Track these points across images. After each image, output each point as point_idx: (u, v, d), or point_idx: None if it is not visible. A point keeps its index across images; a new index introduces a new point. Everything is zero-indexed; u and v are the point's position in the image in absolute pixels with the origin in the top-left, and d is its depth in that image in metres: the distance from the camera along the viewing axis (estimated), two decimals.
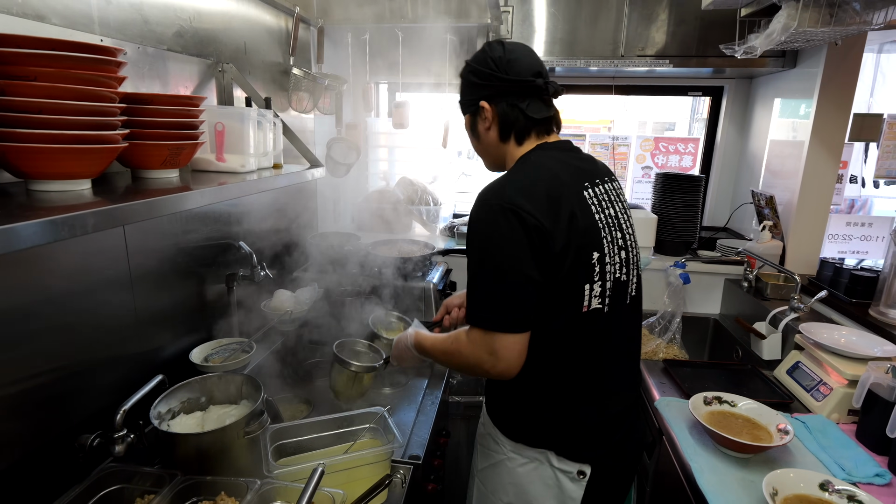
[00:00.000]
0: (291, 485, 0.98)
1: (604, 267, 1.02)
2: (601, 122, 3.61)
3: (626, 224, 1.10)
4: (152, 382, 1.13)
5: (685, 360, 1.72)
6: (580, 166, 1.08)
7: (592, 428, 1.08)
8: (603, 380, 1.09)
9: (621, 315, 1.09)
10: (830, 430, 1.30)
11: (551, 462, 1.07)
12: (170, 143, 1.03)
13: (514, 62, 1.04)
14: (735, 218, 2.44)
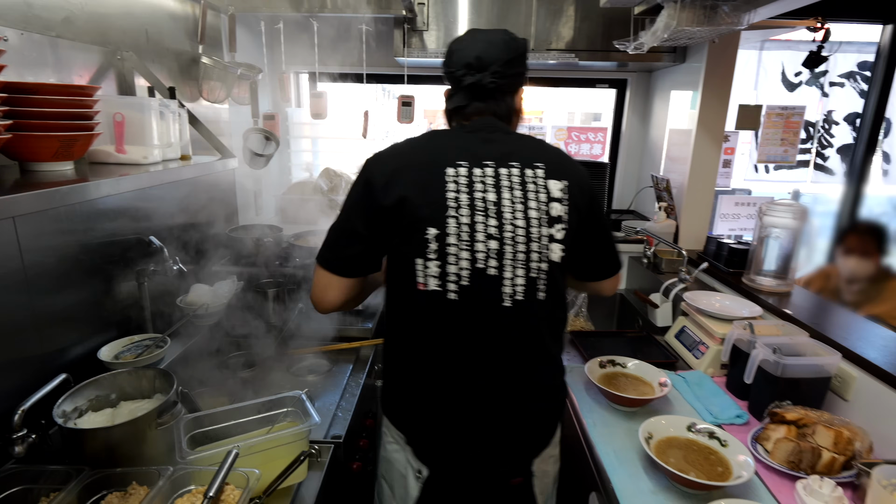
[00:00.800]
0: (206, 468, 1.00)
1: (444, 248, 0.98)
2: (533, 113, 3.78)
3: (514, 213, 1.00)
4: (54, 382, 1.11)
5: (589, 330, 1.88)
6: (474, 146, 1.03)
7: (435, 425, 1.05)
8: (454, 377, 1.04)
9: (492, 315, 1.01)
10: (705, 383, 1.49)
11: (405, 450, 1.11)
12: (60, 135, 1.01)
13: (453, 53, 1.08)
14: (640, 201, 2.66)
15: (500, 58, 1.05)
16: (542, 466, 1.13)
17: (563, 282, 1.07)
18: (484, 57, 1.05)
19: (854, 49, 3.10)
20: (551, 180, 1.02)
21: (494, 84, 1.05)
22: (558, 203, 1.02)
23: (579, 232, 1.05)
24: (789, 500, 1.07)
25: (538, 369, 1.08)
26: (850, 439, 1.15)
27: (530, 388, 1.07)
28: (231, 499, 0.95)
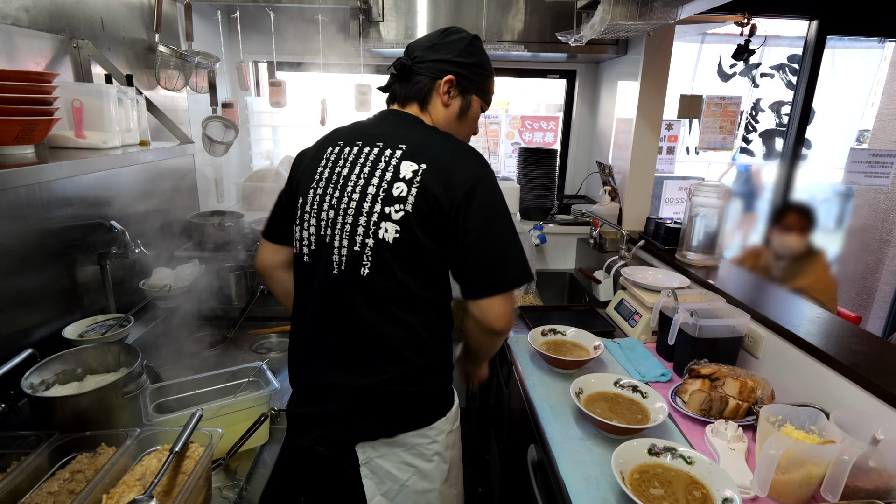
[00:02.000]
0: (172, 429, 1.08)
1: (303, 215, 1.11)
2: (500, 104, 3.90)
3: (355, 188, 1.04)
4: (21, 356, 1.17)
5: (537, 305, 2.03)
6: (359, 129, 1.14)
7: (292, 374, 1.19)
8: (303, 331, 1.14)
9: (325, 278, 1.07)
10: (637, 347, 1.65)
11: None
12: (21, 119, 1.06)
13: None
14: (589, 186, 2.82)
15: (422, 45, 1.12)
16: (372, 455, 1.08)
17: (402, 264, 1.01)
18: (413, 46, 1.14)
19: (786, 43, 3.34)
20: (405, 161, 1.02)
21: (407, 66, 1.11)
22: (404, 184, 1.00)
23: (432, 222, 1.00)
24: (700, 441, 1.23)
25: (364, 348, 1.06)
26: (753, 388, 1.32)
27: (353, 365, 1.06)
28: (196, 455, 1.04)
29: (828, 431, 1.04)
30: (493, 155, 2.89)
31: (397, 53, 2.51)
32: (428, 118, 1.14)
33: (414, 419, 1.09)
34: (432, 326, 1.09)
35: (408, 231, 1.00)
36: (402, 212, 0.99)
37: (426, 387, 1.10)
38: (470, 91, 1.15)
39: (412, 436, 1.09)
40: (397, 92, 1.16)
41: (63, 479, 0.97)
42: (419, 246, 1.01)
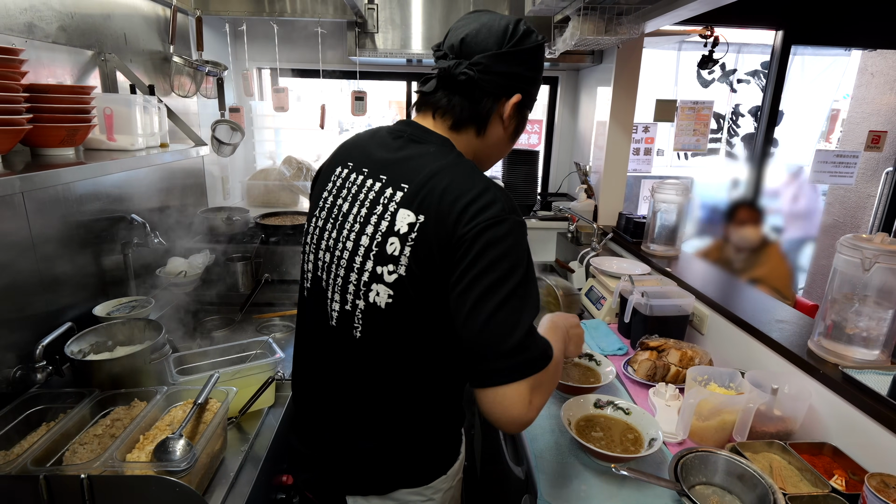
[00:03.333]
0: (193, 388, 1.28)
1: (305, 245, 0.99)
2: None
3: (349, 234, 0.89)
4: (63, 327, 1.36)
5: None
6: (376, 152, 0.93)
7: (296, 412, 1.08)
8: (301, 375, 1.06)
9: (321, 326, 0.95)
10: (601, 327, 1.86)
11: None
12: (67, 126, 1.26)
13: (449, 32, 0.94)
14: (570, 184, 3.03)
15: (487, 46, 0.85)
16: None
17: (399, 330, 0.86)
18: (470, 41, 0.86)
19: (758, 50, 3.55)
20: (403, 209, 0.83)
21: (467, 77, 0.86)
22: (398, 239, 0.82)
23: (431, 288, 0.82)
24: (644, 401, 1.44)
25: (361, 406, 0.94)
26: (692, 357, 1.53)
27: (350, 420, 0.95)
28: (214, 408, 1.23)
29: (741, 387, 1.25)
30: None
31: (392, 62, 2.73)
32: (463, 141, 0.92)
33: (411, 477, 0.96)
34: (437, 385, 0.94)
35: (403, 295, 0.83)
36: (395, 274, 0.83)
37: (427, 446, 0.96)
38: (527, 107, 0.96)
39: (407, 493, 0.96)
40: (441, 104, 0.91)
41: (105, 425, 1.16)
42: (417, 311, 0.84)
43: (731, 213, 2.54)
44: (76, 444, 1.11)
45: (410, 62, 2.66)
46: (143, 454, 1.09)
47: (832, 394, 1.14)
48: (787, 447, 1.09)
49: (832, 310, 1.21)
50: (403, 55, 2.45)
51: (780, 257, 2.45)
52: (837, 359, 1.20)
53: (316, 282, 0.96)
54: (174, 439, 1.09)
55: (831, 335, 1.22)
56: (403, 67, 2.83)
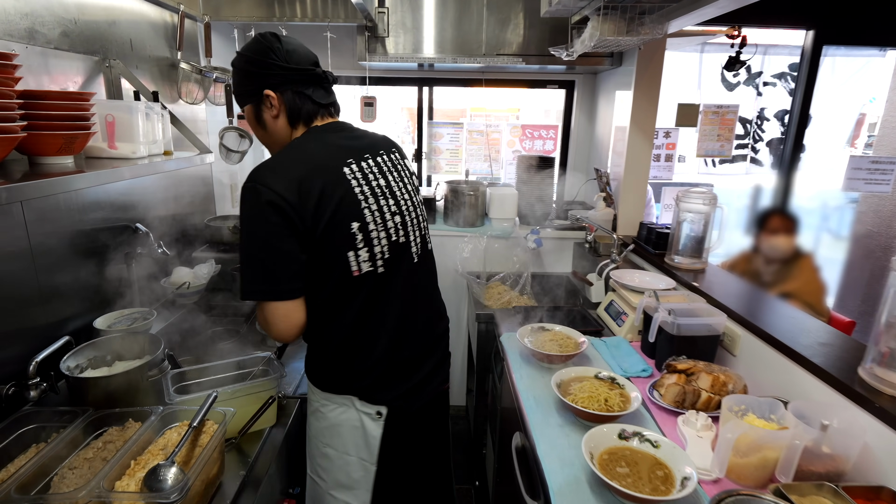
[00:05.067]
0: (190, 408, 1.22)
1: (368, 234, 1.14)
2: (510, 111, 4.03)
3: (401, 191, 1.24)
4: (60, 342, 1.33)
5: (532, 305, 2.14)
6: (348, 144, 1.19)
7: (385, 373, 1.23)
8: (392, 330, 1.23)
9: (408, 272, 1.24)
10: (622, 345, 1.76)
11: (356, 406, 1.25)
12: (64, 133, 1.22)
13: (293, 52, 1.15)
14: (587, 192, 2.93)
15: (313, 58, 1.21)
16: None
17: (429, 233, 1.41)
18: (315, 56, 1.22)
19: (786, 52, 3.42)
20: (404, 160, 1.32)
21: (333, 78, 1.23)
22: (416, 178, 1.36)
23: None
24: (672, 430, 1.34)
25: (439, 303, 1.45)
26: (724, 382, 1.42)
27: (438, 317, 1.42)
28: (211, 430, 1.17)
29: (785, 419, 1.15)
30: (493, 162, 3.01)
31: (403, 67, 2.69)
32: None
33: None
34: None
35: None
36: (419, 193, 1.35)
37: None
38: None
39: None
40: (337, 106, 1.26)
41: (96, 448, 1.12)
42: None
43: (762, 221, 2.42)
44: (65, 468, 1.07)
45: (422, 66, 2.61)
46: (132, 482, 1.03)
47: (890, 430, 1.04)
48: (839, 490, 0.98)
49: (888, 335, 1.10)
50: (415, 59, 2.40)
51: (812, 270, 2.32)
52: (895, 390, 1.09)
53: (393, 247, 1.20)
54: (166, 466, 1.03)
55: (886, 363, 1.11)
56: (415, 72, 2.78)
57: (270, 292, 1.10)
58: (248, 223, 1.08)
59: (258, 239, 1.07)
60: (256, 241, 1.07)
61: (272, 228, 1.05)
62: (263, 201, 1.04)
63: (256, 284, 1.09)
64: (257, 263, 1.08)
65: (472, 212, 2.60)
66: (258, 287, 1.09)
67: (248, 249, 1.09)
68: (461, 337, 2.73)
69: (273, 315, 1.12)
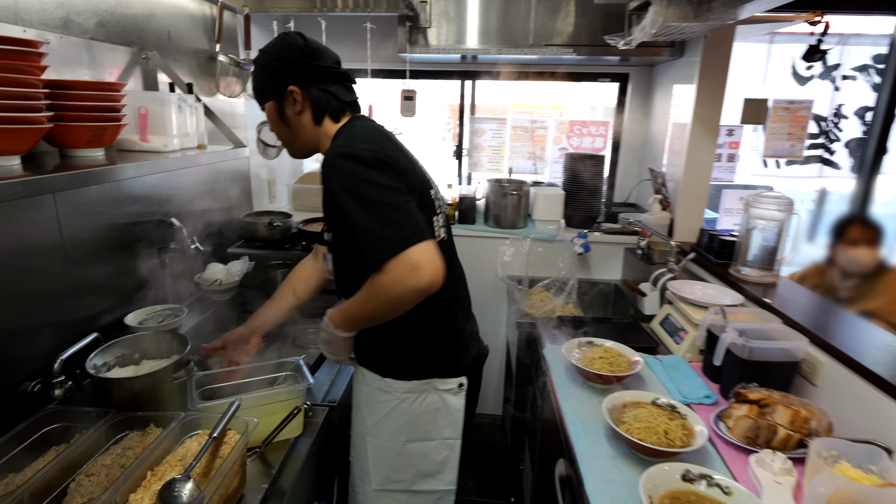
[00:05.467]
0: (212, 415, 1.16)
1: (438, 201, 1.26)
2: (554, 108, 3.88)
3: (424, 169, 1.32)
4: (88, 338, 1.30)
5: (578, 316, 1.99)
6: (382, 130, 1.26)
7: (460, 343, 1.30)
8: (458, 301, 1.33)
9: (453, 243, 1.34)
10: (681, 366, 1.59)
11: (436, 387, 1.27)
12: (93, 125, 1.18)
13: (318, 51, 1.17)
14: (640, 194, 2.74)
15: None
16: None
17: None
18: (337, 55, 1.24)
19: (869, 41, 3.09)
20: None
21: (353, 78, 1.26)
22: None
23: None
24: (743, 472, 1.17)
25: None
26: (806, 418, 1.24)
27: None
28: (232, 441, 1.11)
29: (890, 473, 0.97)
30: (538, 160, 2.87)
31: (445, 59, 2.58)
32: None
33: None
34: None
35: None
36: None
37: None
38: None
39: None
40: (357, 104, 1.28)
41: (115, 453, 1.08)
42: None
43: (840, 231, 2.16)
44: (83, 474, 1.03)
45: (465, 59, 2.49)
46: (147, 495, 0.98)
47: None
48: None
49: None
50: (458, 51, 2.28)
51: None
52: None
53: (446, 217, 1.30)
54: (181, 481, 0.97)
55: None
56: (457, 65, 2.67)
57: (417, 234, 1.02)
58: (361, 183, 1.03)
59: (381, 190, 1.04)
60: (380, 194, 1.04)
61: (389, 181, 1.05)
62: (369, 158, 1.05)
63: (399, 232, 1.01)
64: (390, 215, 1.02)
65: (514, 212, 2.47)
66: (401, 234, 1.01)
67: (375, 205, 1.03)
68: (499, 343, 2.62)
69: (424, 257, 1.02)
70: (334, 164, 1.06)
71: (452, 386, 1.28)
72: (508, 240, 2.43)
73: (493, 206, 2.50)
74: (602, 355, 1.53)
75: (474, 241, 2.48)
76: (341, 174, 1.05)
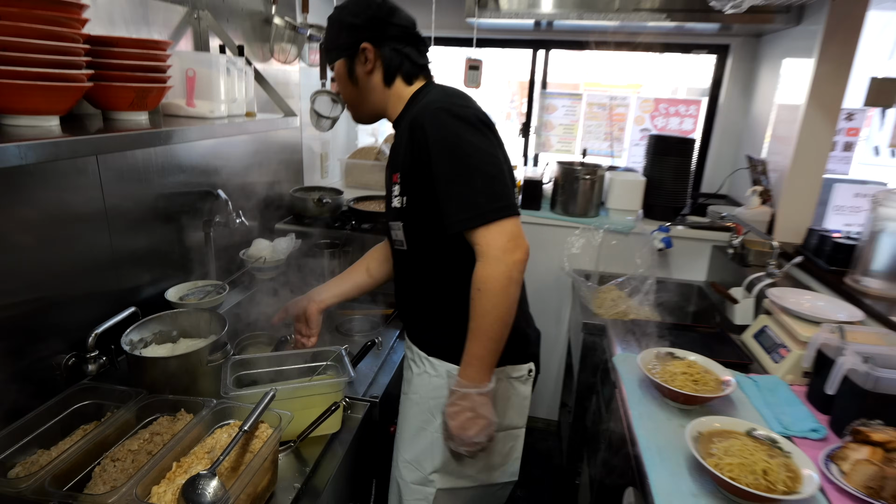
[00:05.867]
0: (245, 405, 1.11)
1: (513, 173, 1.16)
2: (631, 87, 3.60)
3: None
4: (125, 313, 1.29)
5: (654, 321, 1.82)
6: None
7: (529, 326, 1.27)
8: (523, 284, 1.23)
9: None
10: (780, 390, 1.38)
11: (509, 375, 1.22)
12: (136, 86, 1.13)
13: (394, 10, 1.15)
14: (734, 185, 2.47)
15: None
16: None
17: None
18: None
19: None
20: None
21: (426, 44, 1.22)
22: None
23: None
24: None
25: None
26: None
27: None
28: (264, 435, 1.06)
29: None
30: (616, 142, 2.67)
31: (516, 26, 2.41)
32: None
33: None
34: None
35: None
36: None
37: None
38: None
39: None
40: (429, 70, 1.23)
41: (143, 438, 1.06)
42: None
43: None
44: (108, 459, 1.01)
45: (538, 26, 2.30)
46: (170, 489, 0.95)
47: None
48: None
49: None
50: (531, 16, 2.11)
51: None
52: None
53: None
54: (206, 478, 0.92)
55: None
56: (529, 33, 2.48)
57: (511, 206, 1.01)
58: (460, 142, 1.01)
59: (481, 154, 1.01)
60: (480, 158, 1.01)
61: (489, 146, 1.03)
62: (472, 118, 1.03)
63: (495, 201, 0.99)
64: (487, 181, 1.00)
65: (586, 199, 2.33)
66: (496, 203, 0.99)
67: (473, 168, 1.00)
68: (559, 343, 2.48)
69: (518, 230, 1.01)
70: (435, 117, 1.03)
71: (523, 373, 1.24)
72: (578, 230, 2.29)
73: (562, 190, 2.36)
74: (685, 370, 1.35)
75: (539, 230, 2.33)
76: (440, 129, 1.02)
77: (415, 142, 1.06)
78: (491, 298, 1.00)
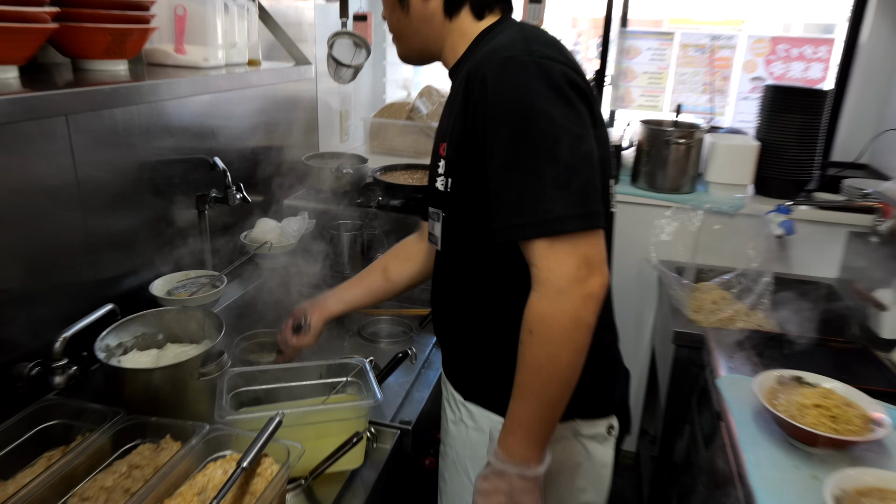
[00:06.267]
0: (245, 433, 1.08)
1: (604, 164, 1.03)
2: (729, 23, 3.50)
3: None
4: (101, 311, 1.28)
5: (771, 331, 1.75)
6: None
7: (615, 369, 1.16)
8: (607, 308, 1.10)
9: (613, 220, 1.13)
10: None
11: (579, 432, 1.10)
12: (111, 27, 1.11)
13: None
14: (879, 152, 2.35)
15: None
16: None
17: None
18: None
19: None
20: None
21: None
22: None
23: None
24: None
25: None
26: None
27: None
28: (268, 473, 1.02)
29: None
30: (718, 95, 2.58)
31: None
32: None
33: None
34: None
35: None
36: None
37: None
38: None
39: None
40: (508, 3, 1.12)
41: (120, 472, 1.03)
42: None
43: None
44: (76, 497, 0.99)
45: None
46: None
47: None
48: None
49: None
50: None
51: None
52: None
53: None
54: None
55: None
56: None
57: (592, 216, 0.86)
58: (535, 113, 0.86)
59: (561, 129, 0.86)
60: (559, 134, 0.86)
61: (576, 120, 0.88)
62: (557, 74, 0.88)
63: (571, 207, 0.84)
64: (565, 171, 0.85)
65: (679, 170, 2.30)
66: (571, 211, 0.84)
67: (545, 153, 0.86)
68: (640, 355, 2.46)
69: (597, 252, 0.87)
70: (502, 69, 0.89)
71: (600, 430, 1.11)
72: (669, 210, 2.26)
73: (647, 158, 2.35)
74: (820, 402, 1.28)
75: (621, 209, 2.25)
76: (506, 87, 0.88)
77: (469, 101, 0.93)
78: (546, 346, 0.87)
